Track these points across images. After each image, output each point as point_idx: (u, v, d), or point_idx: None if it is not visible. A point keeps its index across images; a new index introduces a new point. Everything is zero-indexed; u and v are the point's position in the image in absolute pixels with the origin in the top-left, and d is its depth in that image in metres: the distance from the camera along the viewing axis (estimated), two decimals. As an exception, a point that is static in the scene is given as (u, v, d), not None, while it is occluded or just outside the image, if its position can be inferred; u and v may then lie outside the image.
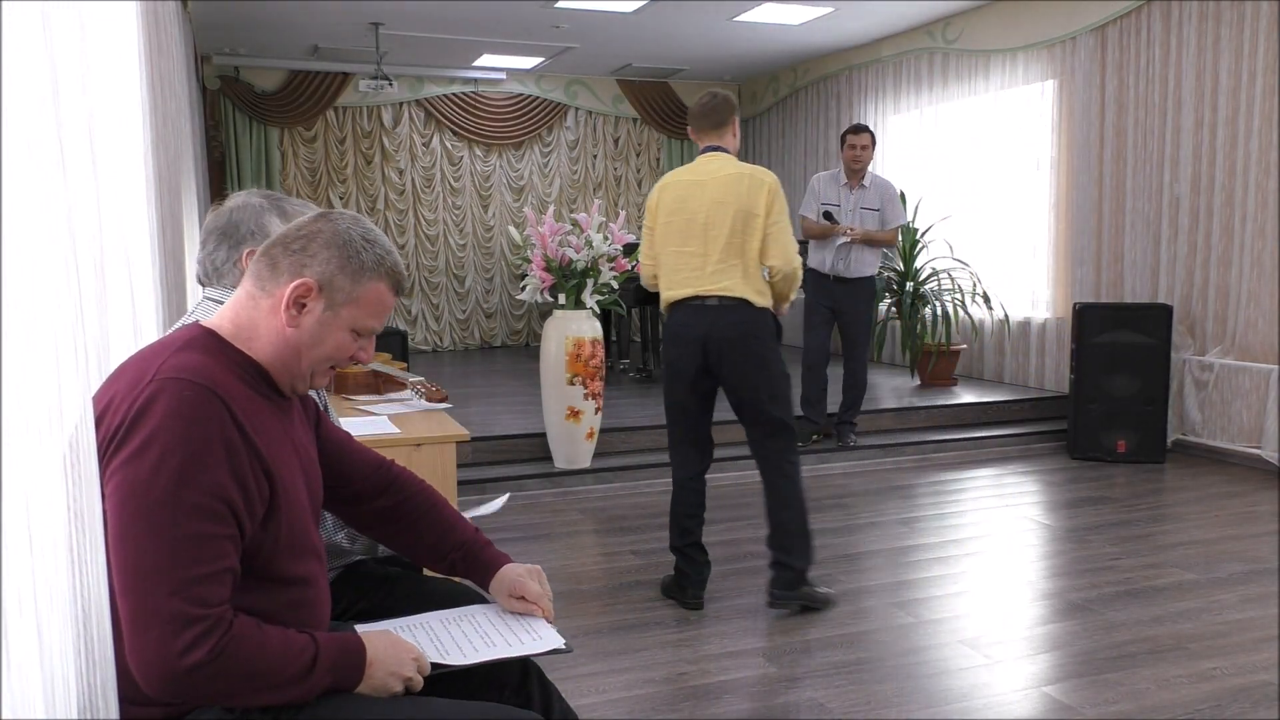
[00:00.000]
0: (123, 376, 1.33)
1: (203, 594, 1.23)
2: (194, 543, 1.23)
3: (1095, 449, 5.75)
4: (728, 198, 3.34)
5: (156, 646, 1.19)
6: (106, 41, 1.97)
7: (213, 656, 1.21)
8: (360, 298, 1.43)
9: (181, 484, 1.24)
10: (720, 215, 3.34)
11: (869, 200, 5.53)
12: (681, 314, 3.44)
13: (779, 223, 3.35)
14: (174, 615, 1.20)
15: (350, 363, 1.50)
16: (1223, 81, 5.66)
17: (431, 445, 2.92)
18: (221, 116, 9.12)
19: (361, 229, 1.45)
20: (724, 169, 3.40)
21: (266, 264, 1.42)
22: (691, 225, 3.39)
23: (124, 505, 1.23)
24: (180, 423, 1.26)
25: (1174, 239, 6.02)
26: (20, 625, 0.93)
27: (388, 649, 1.40)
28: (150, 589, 1.20)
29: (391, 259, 1.46)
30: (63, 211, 1.15)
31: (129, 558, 1.22)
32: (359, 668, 1.36)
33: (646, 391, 6.96)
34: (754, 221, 3.34)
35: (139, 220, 2.41)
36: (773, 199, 3.35)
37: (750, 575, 3.82)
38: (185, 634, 1.20)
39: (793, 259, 3.37)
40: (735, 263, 3.36)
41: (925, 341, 7.04)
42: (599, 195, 10.44)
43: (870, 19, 7.75)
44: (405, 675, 1.39)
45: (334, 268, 1.40)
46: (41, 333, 1.04)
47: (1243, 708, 2.70)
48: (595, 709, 2.71)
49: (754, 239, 3.34)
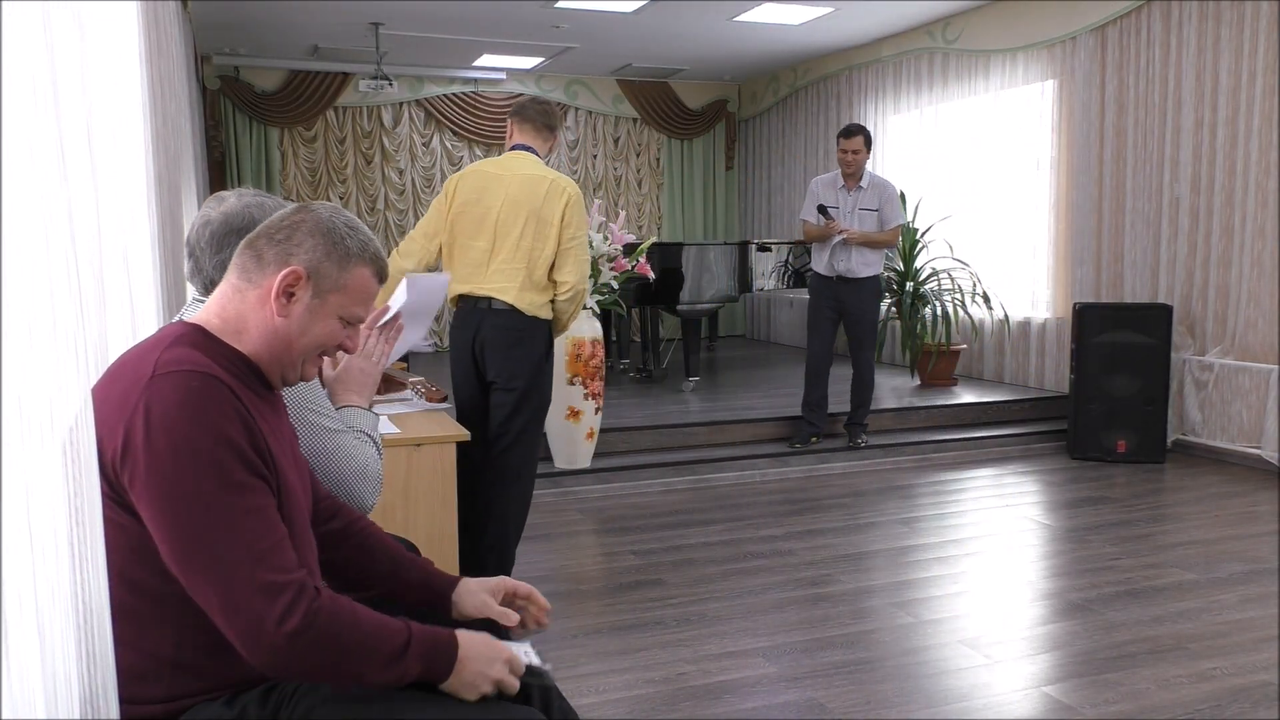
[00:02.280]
0: (117, 377, 1.33)
1: (279, 561, 1.25)
2: (253, 516, 1.26)
3: (1095, 449, 5.75)
4: (523, 198, 3.21)
5: (256, 621, 1.22)
6: (106, 41, 1.97)
7: (308, 623, 1.23)
8: (346, 284, 1.44)
9: (219, 467, 1.25)
10: (512, 215, 3.22)
11: (867, 201, 5.51)
12: (459, 311, 3.33)
13: (577, 239, 3.23)
14: (263, 587, 1.23)
15: (337, 351, 1.51)
16: (1223, 81, 5.66)
17: (431, 445, 2.92)
18: (221, 116, 9.12)
19: (343, 218, 1.47)
20: (525, 168, 3.27)
21: (251, 256, 1.43)
22: (484, 220, 3.25)
23: (170, 505, 1.23)
24: (194, 411, 1.26)
25: (1174, 239, 6.02)
26: (21, 625, 0.93)
27: (482, 648, 1.40)
28: (233, 572, 1.23)
29: (374, 246, 1.48)
30: (62, 212, 1.15)
31: (199, 553, 1.23)
32: (450, 660, 1.36)
33: (646, 391, 6.96)
34: (546, 229, 3.20)
35: (139, 220, 2.41)
36: (571, 211, 3.21)
37: (750, 575, 3.82)
38: (279, 601, 1.23)
39: (584, 279, 3.25)
40: (519, 267, 3.21)
41: (925, 341, 7.04)
42: (599, 195, 10.44)
43: (870, 19, 7.75)
44: (496, 676, 1.39)
45: (320, 255, 1.42)
46: (41, 333, 1.04)
47: (1243, 708, 2.70)
48: (595, 709, 2.71)
49: (544, 246, 3.21)
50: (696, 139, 10.92)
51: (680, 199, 10.93)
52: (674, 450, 5.57)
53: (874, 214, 5.51)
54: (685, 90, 10.68)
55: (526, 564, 3.83)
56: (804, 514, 4.71)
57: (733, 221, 11.18)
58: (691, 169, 10.96)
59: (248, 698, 1.34)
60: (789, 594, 3.62)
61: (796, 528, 4.47)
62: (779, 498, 5.02)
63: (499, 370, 3.26)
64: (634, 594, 3.63)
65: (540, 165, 3.30)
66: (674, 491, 5.17)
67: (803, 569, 3.89)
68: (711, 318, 9.40)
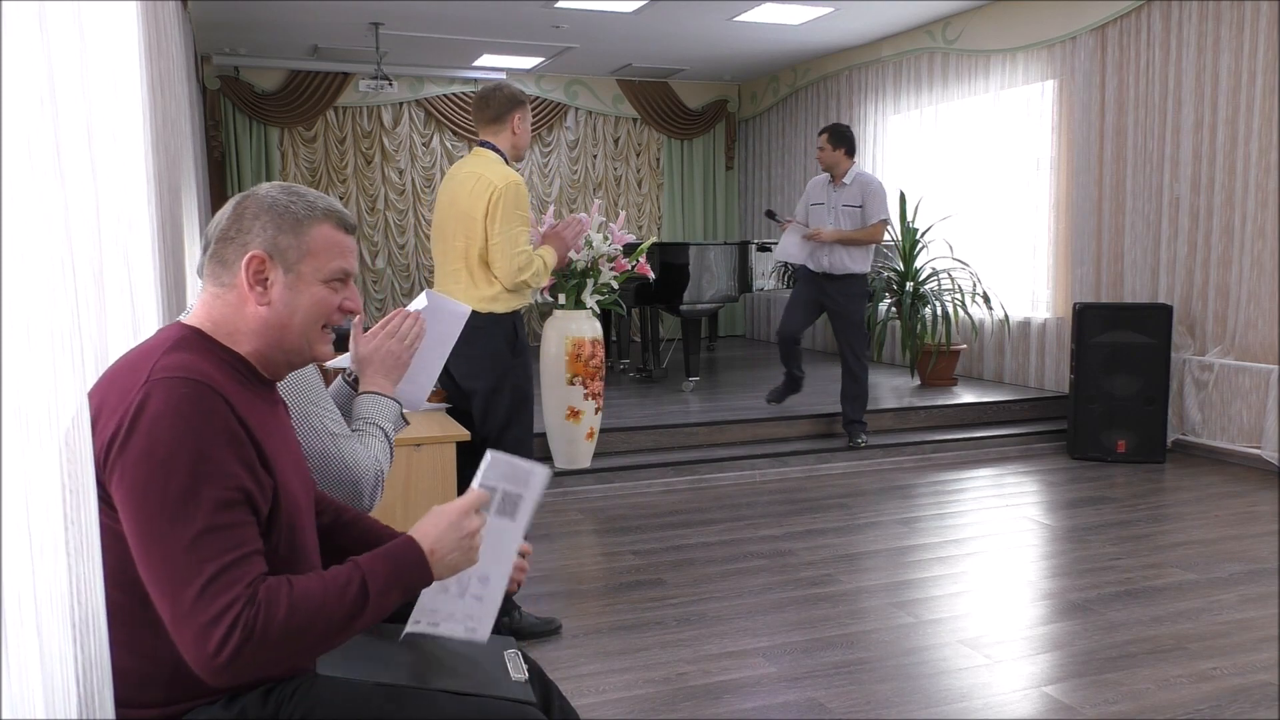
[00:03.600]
0: (114, 380, 1.32)
1: (229, 580, 1.21)
2: (215, 536, 1.23)
3: (1095, 449, 5.75)
4: (458, 198, 3.18)
5: (194, 651, 1.20)
6: (106, 42, 1.97)
7: (245, 638, 1.20)
8: (311, 247, 1.42)
9: (195, 480, 1.23)
10: (450, 217, 3.20)
11: (850, 198, 5.57)
12: None
13: (503, 233, 3.10)
14: (202, 619, 1.19)
15: (341, 317, 1.48)
16: (1223, 81, 5.66)
17: (431, 445, 2.92)
18: (221, 116, 9.12)
19: (284, 188, 1.45)
20: (470, 166, 3.20)
21: (217, 263, 1.42)
22: (439, 223, 3.28)
23: (140, 510, 1.22)
24: (182, 420, 1.25)
25: (1174, 239, 6.02)
26: (21, 625, 0.92)
27: (442, 527, 1.37)
28: (178, 593, 1.21)
29: (324, 202, 1.46)
30: (61, 212, 1.15)
31: (155, 563, 1.22)
32: (421, 563, 1.34)
33: (646, 391, 6.96)
34: (473, 226, 3.13)
35: (139, 220, 2.41)
36: (496, 205, 3.09)
37: (750, 575, 3.82)
38: (215, 630, 1.19)
39: (514, 274, 3.12)
40: (460, 267, 3.18)
41: (925, 341, 7.04)
42: (599, 195, 10.44)
43: (870, 19, 7.75)
44: (469, 533, 1.38)
45: (273, 230, 1.41)
46: (39, 334, 1.03)
47: (1243, 708, 2.70)
48: (595, 709, 2.71)
49: (474, 244, 3.14)
50: (696, 139, 10.92)
51: (680, 199, 10.93)
52: (674, 450, 5.57)
53: (857, 210, 5.55)
54: (685, 90, 10.68)
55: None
56: (804, 514, 4.71)
57: (733, 221, 11.18)
58: (691, 169, 10.96)
59: (247, 699, 1.34)
60: (789, 594, 3.62)
61: (796, 528, 4.47)
62: (779, 498, 5.02)
63: (460, 370, 3.22)
64: (634, 594, 3.63)
65: (485, 162, 3.19)
66: (674, 491, 5.17)
67: (802, 569, 3.89)
68: (711, 318, 9.40)
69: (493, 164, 3.19)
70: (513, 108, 3.23)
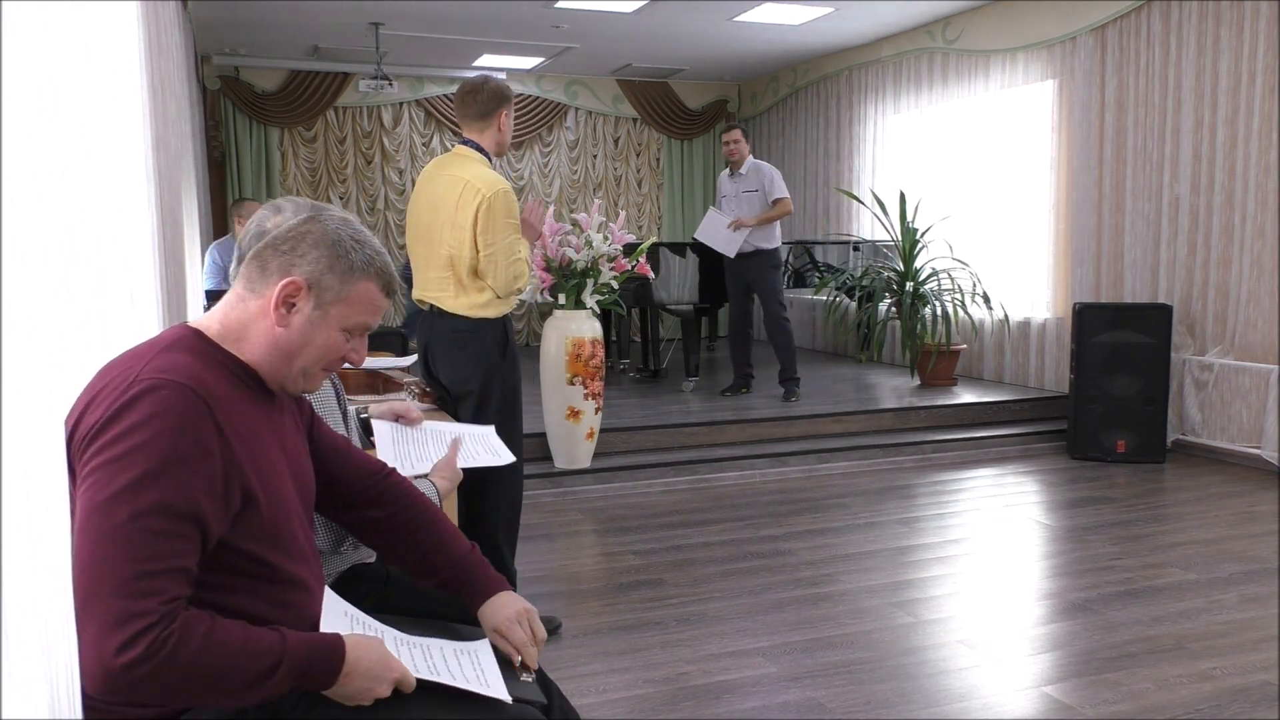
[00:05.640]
0: (109, 375, 1.33)
1: (150, 588, 1.17)
2: (147, 538, 1.19)
3: (1095, 449, 5.75)
4: (442, 204, 3.06)
5: (93, 643, 1.15)
6: (106, 41, 1.97)
7: (149, 654, 1.15)
8: (349, 297, 1.42)
9: (144, 481, 1.21)
10: (435, 220, 3.09)
11: (748, 184, 6.37)
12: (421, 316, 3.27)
13: (495, 244, 3.01)
14: (112, 612, 1.15)
15: (341, 364, 1.48)
16: (1223, 81, 5.66)
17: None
18: (221, 116, 9.11)
19: (351, 229, 1.44)
20: (452, 167, 3.10)
21: (257, 266, 1.42)
22: (418, 224, 3.16)
23: (87, 500, 1.21)
24: (157, 424, 1.24)
25: (1174, 239, 6.02)
26: (20, 626, 0.93)
27: (372, 662, 1.35)
28: (94, 584, 1.17)
29: (381, 259, 1.46)
30: (61, 212, 1.15)
31: (80, 552, 1.19)
32: (334, 672, 1.31)
33: (646, 391, 6.96)
34: (461, 234, 3.02)
35: (139, 220, 2.41)
36: (487, 214, 2.98)
37: (750, 575, 3.82)
38: (122, 631, 1.15)
39: (510, 283, 3.06)
40: (447, 274, 3.09)
41: (925, 341, 7.04)
42: (599, 195, 10.44)
43: (870, 19, 7.75)
44: (379, 693, 1.35)
45: (323, 267, 1.40)
46: (40, 334, 1.04)
47: (1243, 708, 2.70)
48: (595, 709, 2.71)
49: (463, 252, 3.04)
50: (696, 139, 10.92)
51: (680, 199, 10.93)
52: (674, 450, 5.57)
53: (756, 194, 6.35)
54: (685, 90, 10.68)
55: (527, 564, 3.83)
56: (804, 514, 4.71)
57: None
58: (691, 169, 10.96)
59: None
60: (789, 594, 3.62)
61: (796, 528, 4.47)
62: (779, 498, 5.02)
63: (448, 375, 3.18)
64: (634, 594, 3.63)
65: (468, 164, 3.09)
66: (674, 491, 5.17)
67: (802, 569, 3.89)
68: (712, 318, 9.40)
69: (476, 166, 3.09)
70: (500, 104, 3.14)
